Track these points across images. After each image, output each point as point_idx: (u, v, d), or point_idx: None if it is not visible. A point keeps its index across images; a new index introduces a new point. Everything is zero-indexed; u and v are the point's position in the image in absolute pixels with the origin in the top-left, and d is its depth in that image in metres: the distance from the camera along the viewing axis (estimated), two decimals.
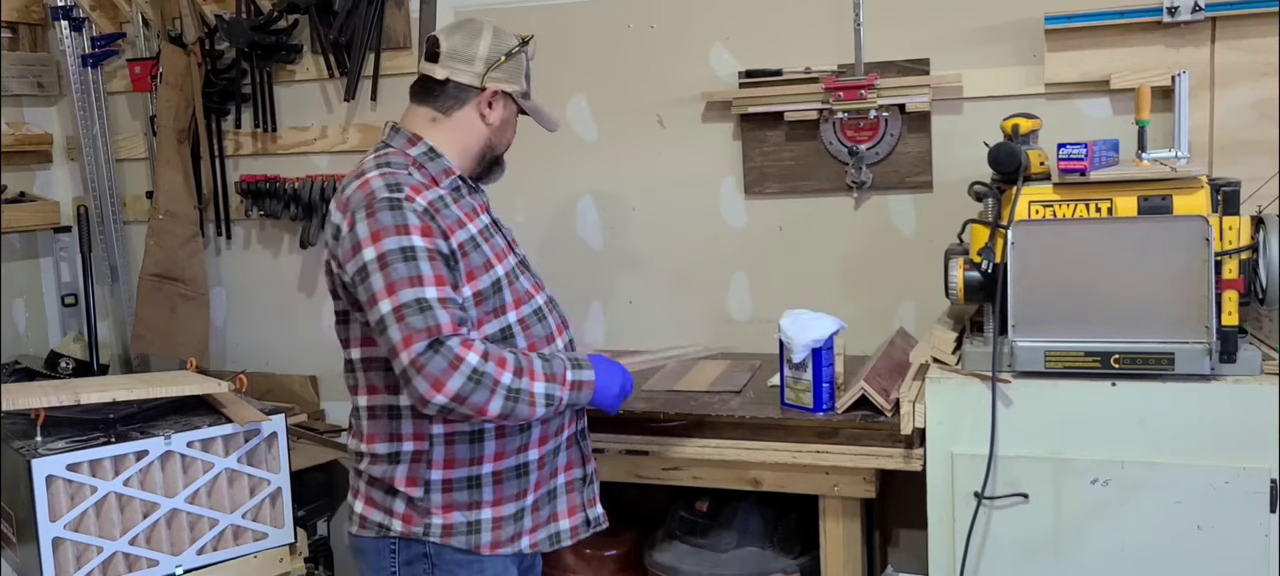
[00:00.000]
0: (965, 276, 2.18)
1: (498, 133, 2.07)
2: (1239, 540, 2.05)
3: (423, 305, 1.79)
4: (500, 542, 2.01)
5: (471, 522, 1.98)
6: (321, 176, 3.35)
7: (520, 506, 2.03)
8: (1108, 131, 2.53)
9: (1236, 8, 2.48)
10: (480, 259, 1.93)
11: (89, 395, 2.38)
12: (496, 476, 1.99)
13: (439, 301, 1.80)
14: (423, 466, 1.96)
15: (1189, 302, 2.05)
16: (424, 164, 1.99)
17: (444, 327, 1.78)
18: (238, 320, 3.66)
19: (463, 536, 1.98)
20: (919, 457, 2.27)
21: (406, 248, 1.82)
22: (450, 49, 2.02)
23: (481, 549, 1.99)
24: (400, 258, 1.81)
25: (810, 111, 2.86)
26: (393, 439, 1.97)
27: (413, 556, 1.99)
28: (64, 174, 3.77)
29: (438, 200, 1.92)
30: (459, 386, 1.78)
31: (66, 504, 2.21)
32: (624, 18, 3.06)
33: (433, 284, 1.81)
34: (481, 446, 1.97)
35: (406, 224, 1.83)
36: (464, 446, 1.96)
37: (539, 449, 2.03)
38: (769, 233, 3.02)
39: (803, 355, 2.37)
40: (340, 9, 3.25)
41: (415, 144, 2.01)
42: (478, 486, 1.98)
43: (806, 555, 2.61)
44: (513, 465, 2.00)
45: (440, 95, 2.03)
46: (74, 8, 3.53)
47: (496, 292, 1.95)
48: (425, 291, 1.80)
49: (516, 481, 2.01)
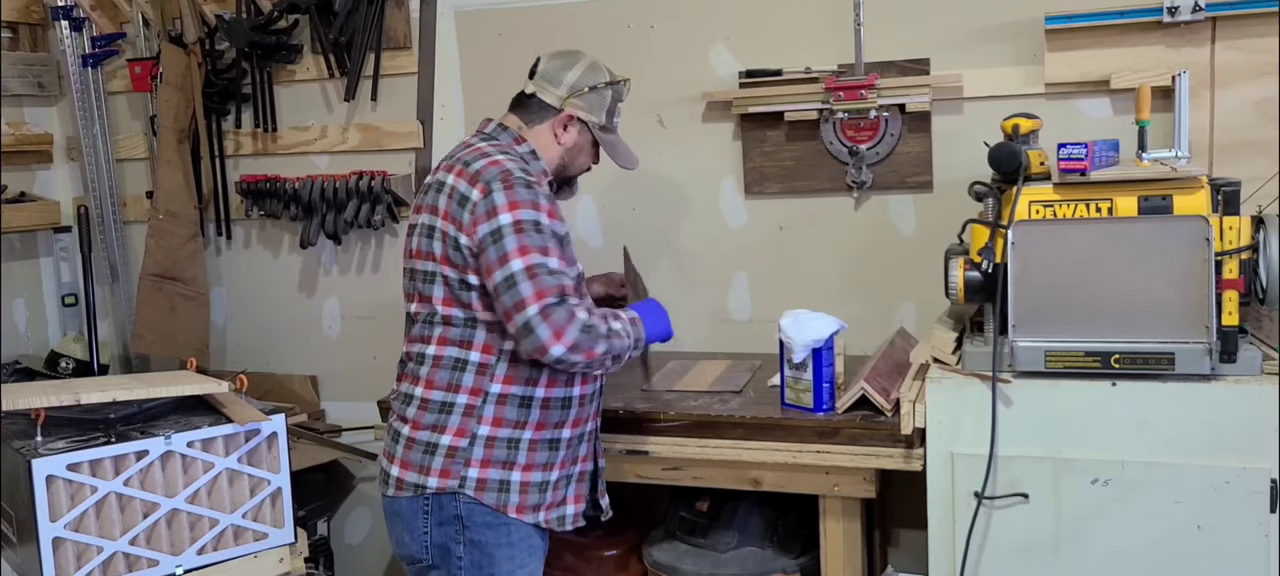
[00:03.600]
0: (965, 276, 2.18)
1: (570, 154, 2.28)
2: (1239, 540, 2.05)
3: (551, 270, 2.05)
4: (525, 508, 2.18)
5: (503, 482, 2.16)
6: (321, 176, 3.35)
7: (546, 478, 2.21)
8: (1108, 131, 2.53)
9: (1236, 8, 2.48)
10: (571, 253, 2.16)
11: (89, 395, 2.38)
12: (533, 444, 2.18)
13: (561, 271, 2.07)
14: (473, 420, 2.15)
15: (1189, 302, 2.05)
16: (528, 161, 2.22)
17: (568, 289, 2.06)
18: (238, 320, 3.66)
19: (494, 493, 2.16)
20: (919, 457, 2.27)
21: (538, 221, 2.07)
22: (545, 70, 2.28)
23: (509, 509, 2.16)
24: (534, 228, 2.07)
25: (810, 111, 2.86)
26: (451, 389, 2.16)
27: (445, 517, 2.16)
28: (64, 174, 3.77)
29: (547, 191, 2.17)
30: (576, 337, 2.03)
31: (66, 504, 2.21)
32: (624, 18, 3.06)
33: (557, 256, 2.08)
34: (528, 412, 2.17)
35: (539, 201, 2.09)
36: (513, 409, 2.16)
37: (572, 430, 2.23)
38: (769, 233, 3.03)
39: (803, 355, 2.38)
40: (340, 9, 3.25)
41: (521, 143, 2.25)
42: (516, 448, 2.17)
43: (806, 555, 2.61)
44: (548, 438, 2.20)
45: (527, 108, 2.27)
46: (74, 8, 3.53)
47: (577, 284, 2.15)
48: (550, 260, 2.06)
49: (548, 453, 2.20)
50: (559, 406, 2.20)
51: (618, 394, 2.62)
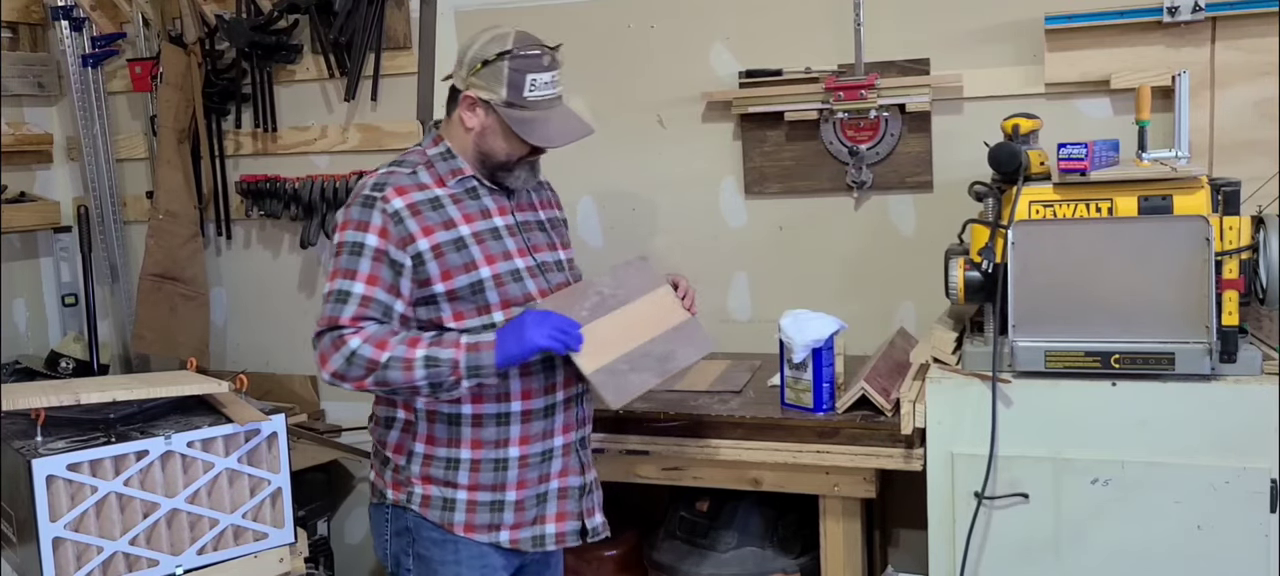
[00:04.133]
0: (965, 276, 2.18)
1: (481, 139, 2.07)
2: (1239, 540, 2.05)
3: (342, 296, 1.98)
4: (474, 526, 2.09)
5: (447, 499, 2.09)
6: (321, 176, 3.35)
7: (498, 498, 2.09)
8: (1108, 131, 2.53)
9: (1236, 8, 2.48)
10: (461, 260, 2.01)
11: (89, 395, 2.38)
12: (474, 464, 2.08)
13: (361, 297, 1.97)
14: (409, 437, 2.11)
15: (1189, 303, 2.05)
16: (435, 162, 2.09)
17: (342, 320, 1.97)
18: (238, 320, 3.66)
19: (438, 510, 2.09)
20: (919, 457, 2.27)
21: (357, 243, 1.99)
22: (459, 50, 2.11)
23: (455, 527, 2.09)
24: (349, 249, 1.99)
25: (810, 111, 2.86)
26: (390, 405, 2.13)
27: (400, 527, 2.13)
28: (64, 174, 3.77)
29: (426, 201, 2.02)
30: (338, 365, 1.96)
31: (67, 504, 2.21)
32: (624, 18, 3.06)
33: (363, 281, 1.98)
34: (459, 430, 2.07)
35: (367, 221, 1.99)
36: (442, 427, 2.07)
37: (520, 448, 2.08)
38: (769, 233, 3.03)
39: (803, 355, 2.38)
40: (340, 9, 3.25)
41: (437, 144, 2.11)
42: (455, 468, 2.08)
43: (806, 555, 2.61)
44: (491, 458, 2.07)
45: (452, 99, 2.12)
46: (74, 8, 3.53)
47: (476, 293, 2.02)
48: (354, 286, 1.98)
49: (494, 473, 2.08)
50: (493, 423, 2.06)
51: None
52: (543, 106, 2.04)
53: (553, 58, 2.07)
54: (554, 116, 2.07)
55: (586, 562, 2.83)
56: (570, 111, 2.12)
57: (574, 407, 2.15)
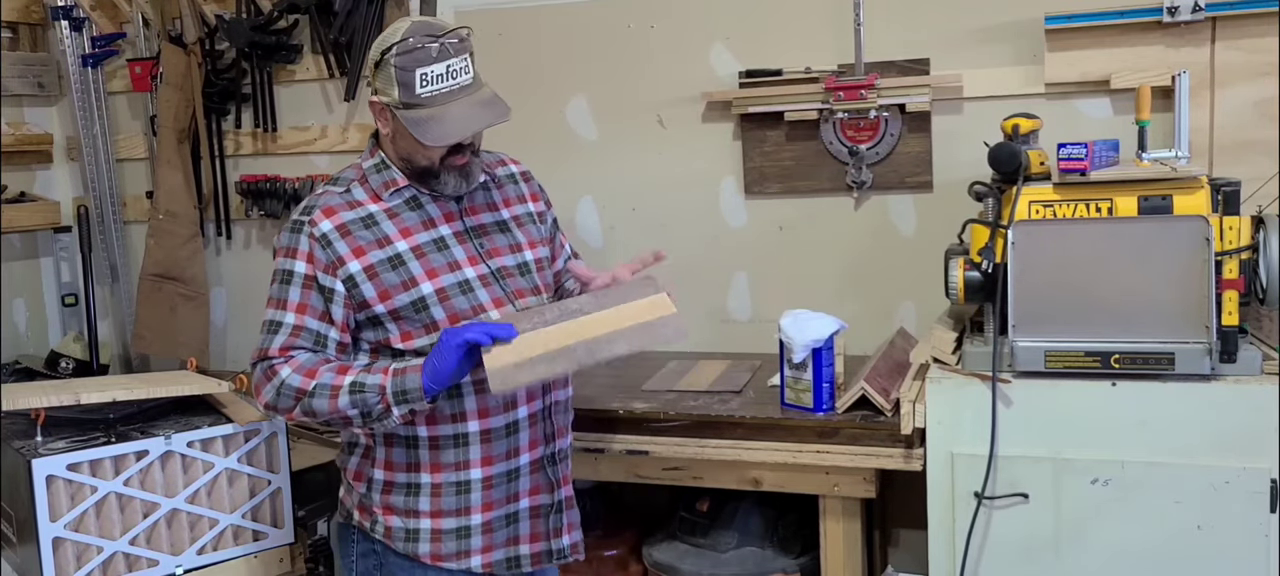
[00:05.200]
0: (965, 276, 2.18)
1: (395, 144, 1.96)
2: (1239, 540, 2.05)
3: (273, 326, 1.94)
4: (442, 556, 2.00)
5: (410, 530, 2.00)
6: (321, 176, 3.35)
7: (463, 524, 2.00)
8: (1108, 131, 2.53)
9: (1236, 8, 2.48)
10: (398, 278, 1.92)
11: (89, 395, 2.38)
12: (436, 489, 1.99)
13: (292, 327, 1.93)
14: (369, 464, 2.04)
15: (1189, 303, 2.05)
16: (369, 176, 2.00)
17: (271, 351, 1.93)
18: (238, 320, 3.66)
19: (401, 542, 2.01)
20: (919, 457, 2.27)
21: (288, 271, 1.94)
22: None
23: (422, 558, 2.01)
24: (280, 278, 1.95)
25: (810, 111, 2.86)
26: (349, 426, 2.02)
27: (365, 550, 2.07)
28: (64, 174, 3.77)
29: (357, 220, 1.94)
30: (270, 396, 1.93)
31: (66, 504, 2.21)
32: (624, 18, 3.06)
33: (293, 310, 1.93)
34: (417, 453, 1.98)
35: (295, 248, 1.94)
36: (400, 451, 1.99)
37: (482, 470, 1.98)
38: (769, 233, 3.02)
39: (803, 355, 2.37)
40: (340, 9, 3.25)
41: (372, 155, 2.02)
42: (416, 494, 1.99)
43: (806, 555, 2.61)
44: (453, 481, 1.98)
45: None
46: (74, 8, 3.53)
47: (420, 310, 1.93)
48: (284, 315, 1.94)
49: (457, 497, 1.99)
50: (451, 445, 1.96)
51: (617, 394, 2.62)
52: (439, 101, 1.87)
53: (444, 46, 1.87)
54: (453, 109, 1.88)
55: (586, 562, 2.82)
56: (480, 100, 1.91)
57: (541, 423, 2.04)
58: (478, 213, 2.05)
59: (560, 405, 2.09)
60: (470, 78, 1.91)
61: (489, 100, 1.93)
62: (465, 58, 1.90)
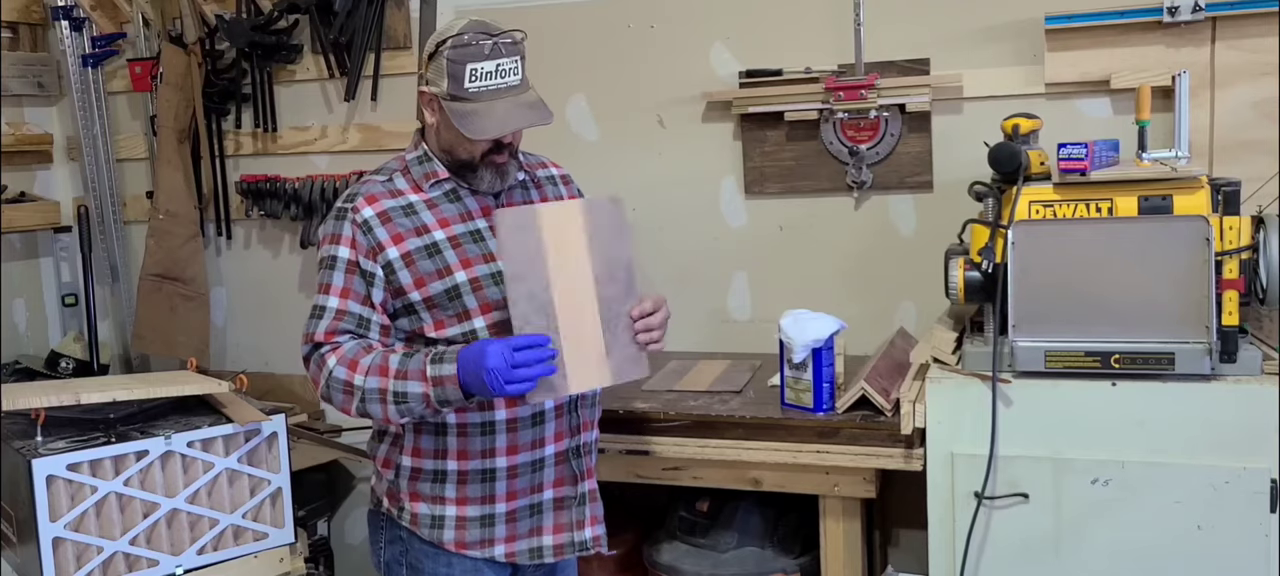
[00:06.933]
0: (965, 276, 2.18)
1: (438, 135, 2.01)
2: (1239, 540, 2.05)
3: (319, 310, 1.98)
4: (466, 543, 2.04)
5: (436, 517, 2.05)
6: (321, 176, 3.35)
7: (488, 512, 2.04)
8: (1108, 131, 2.53)
9: (1236, 8, 2.48)
10: (434, 266, 1.96)
11: (89, 395, 2.38)
12: (462, 476, 2.03)
13: (335, 311, 1.97)
14: (397, 450, 2.07)
15: (1189, 303, 2.05)
16: (412, 167, 2.05)
17: (318, 336, 1.97)
18: (238, 320, 3.66)
19: (427, 528, 2.05)
20: (919, 457, 2.27)
21: (331, 256, 1.99)
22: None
23: (446, 544, 2.05)
24: (326, 264, 1.99)
25: (810, 111, 2.86)
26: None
27: (392, 537, 2.11)
28: (64, 174, 3.77)
29: (398, 209, 1.99)
30: (324, 387, 1.96)
31: (67, 504, 2.21)
32: (624, 18, 3.06)
33: (337, 294, 1.97)
34: (445, 441, 2.02)
35: (339, 234, 1.98)
36: (428, 437, 2.03)
37: (507, 458, 2.02)
38: (769, 233, 3.02)
39: (803, 355, 2.37)
40: (340, 9, 3.25)
41: (416, 148, 2.07)
42: (442, 481, 2.04)
43: (806, 555, 2.61)
44: (479, 469, 2.02)
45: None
46: (74, 8, 3.53)
47: (454, 299, 1.97)
48: (329, 300, 1.97)
49: (482, 486, 2.03)
50: (478, 433, 2.00)
51: (617, 394, 2.62)
52: (485, 97, 1.92)
53: (497, 45, 1.93)
54: (498, 107, 1.93)
55: (586, 562, 2.82)
56: (525, 101, 1.96)
57: (567, 415, 2.07)
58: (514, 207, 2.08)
59: (586, 399, 2.11)
60: (519, 79, 1.97)
61: (533, 103, 1.99)
62: (516, 60, 1.96)
